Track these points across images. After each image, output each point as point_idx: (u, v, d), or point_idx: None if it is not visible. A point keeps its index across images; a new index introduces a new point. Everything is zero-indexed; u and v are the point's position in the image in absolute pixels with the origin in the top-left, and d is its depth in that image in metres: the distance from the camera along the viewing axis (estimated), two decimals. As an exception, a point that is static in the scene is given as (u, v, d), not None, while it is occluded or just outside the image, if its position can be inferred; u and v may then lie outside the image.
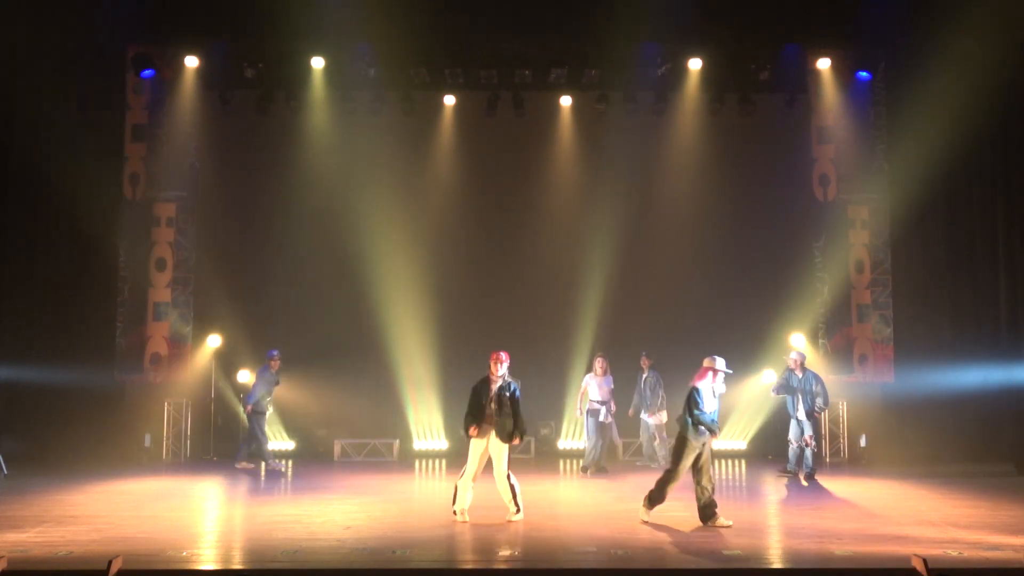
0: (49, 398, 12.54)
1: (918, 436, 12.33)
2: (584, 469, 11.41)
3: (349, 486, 10.20)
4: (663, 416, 11.87)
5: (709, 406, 7.75)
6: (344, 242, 13.26)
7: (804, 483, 10.50)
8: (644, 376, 12.07)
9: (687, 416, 7.72)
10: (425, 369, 13.17)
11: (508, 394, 7.87)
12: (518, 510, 7.86)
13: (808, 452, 10.64)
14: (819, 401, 10.72)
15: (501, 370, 7.94)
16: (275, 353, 11.97)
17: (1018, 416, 12.19)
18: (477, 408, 7.88)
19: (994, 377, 12.23)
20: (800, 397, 10.72)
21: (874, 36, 13.05)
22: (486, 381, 7.97)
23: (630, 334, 12.99)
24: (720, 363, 7.85)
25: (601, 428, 11.47)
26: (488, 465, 7.98)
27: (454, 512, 7.87)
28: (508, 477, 7.91)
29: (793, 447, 10.88)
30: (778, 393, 11.04)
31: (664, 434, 11.93)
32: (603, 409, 11.43)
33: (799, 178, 13.71)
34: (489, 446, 7.90)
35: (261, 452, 11.72)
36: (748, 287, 13.38)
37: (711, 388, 7.82)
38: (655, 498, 7.86)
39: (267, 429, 11.91)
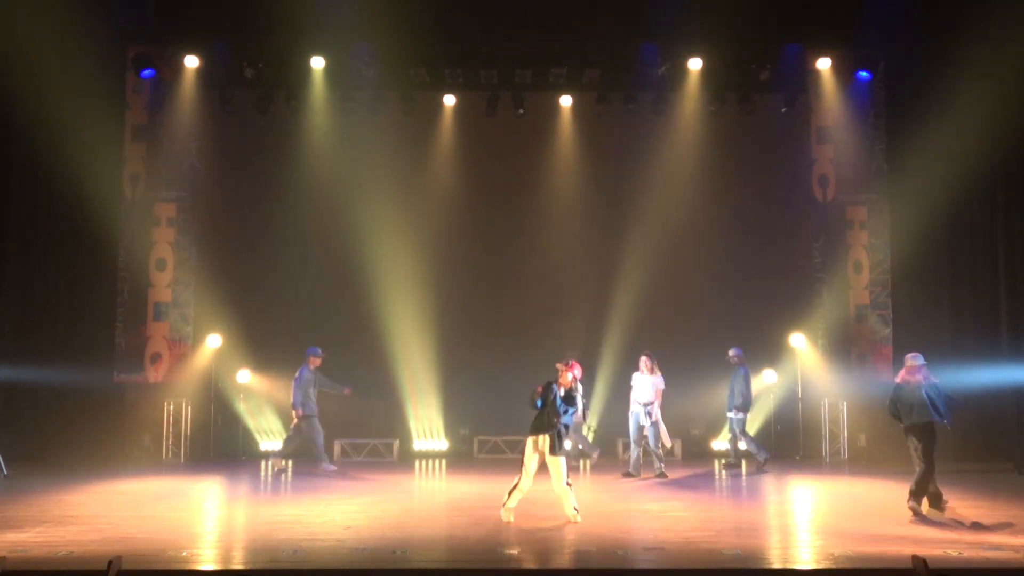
0: (49, 398, 12.54)
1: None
2: (625, 473, 11.13)
3: (349, 486, 10.20)
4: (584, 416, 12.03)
5: None
6: (344, 242, 13.25)
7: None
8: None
9: (945, 412, 8.24)
10: (425, 369, 13.17)
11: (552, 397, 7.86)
12: (576, 512, 7.80)
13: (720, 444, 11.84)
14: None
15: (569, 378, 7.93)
16: (316, 350, 11.87)
17: (1018, 416, 12.19)
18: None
19: (994, 377, 12.22)
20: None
21: (874, 36, 13.04)
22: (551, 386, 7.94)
23: (630, 333, 12.99)
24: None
25: (639, 431, 11.15)
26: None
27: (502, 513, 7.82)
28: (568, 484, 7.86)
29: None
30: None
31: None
32: (642, 411, 11.08)
33: (798, 178, 13.72)
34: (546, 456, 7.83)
35: (282, 447, 11.74)
36: (747, 287, 13.39)
37: None
38: (927, 493, 8.25)
39: (303, 432, 11.66)
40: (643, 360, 11.28)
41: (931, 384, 8.42)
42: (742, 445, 11.85)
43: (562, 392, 7.87)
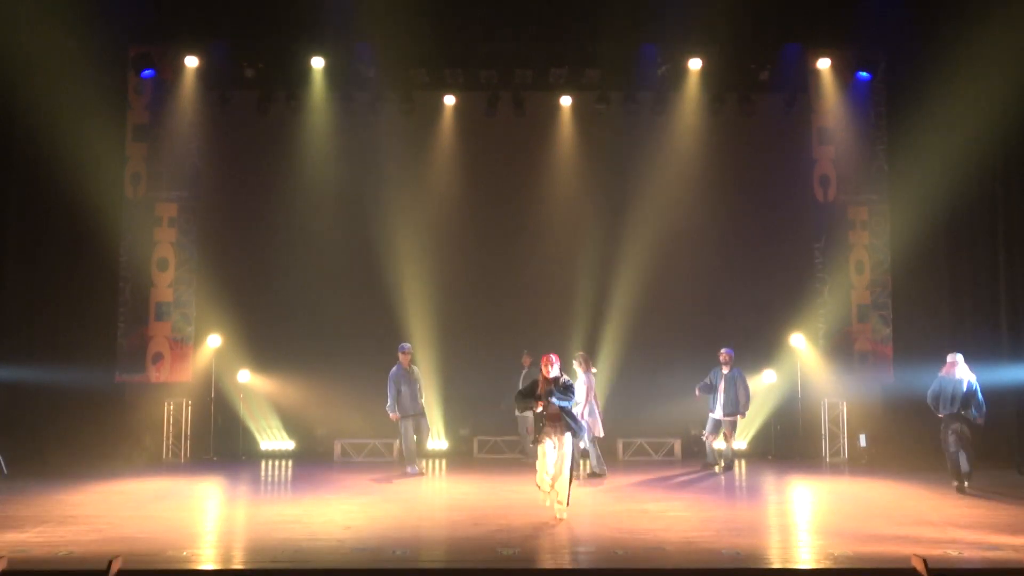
0: (50, 398, 12.53)
1: (918, 435, 12.31)
2: (590, 474, 11.11)
3: (349, 486, 10.20)
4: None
5: None
6: (345, 241, 13.29)
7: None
8: (524, 373, 12.12)
9: (981, 408, 9.52)
10: (425, 369, 13.16)
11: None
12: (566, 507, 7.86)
13: (719, 445, 11.60)
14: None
15: (553, 371, 7.97)
16: (406, 347, 11.59)
17: (1019, 416, 12.19)
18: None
19: (994, 377, 12.21)
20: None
21: (874, 36, 13.05)
22: (535, 383, 8.02)
23: (630, 333, 13.00)
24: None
25: (588, 430, 10.94)
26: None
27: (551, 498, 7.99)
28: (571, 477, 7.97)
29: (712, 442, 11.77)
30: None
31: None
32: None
33: (799, 179, 13.72)
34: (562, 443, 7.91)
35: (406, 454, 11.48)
36: (748, 287, 13.40)
37: None
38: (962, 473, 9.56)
39: (409, 432, 11.34)
40: (575, 361, 11.34)
41: (970, 380, 9.62)
42: (720, 444, 11.73)
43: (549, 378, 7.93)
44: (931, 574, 5.56)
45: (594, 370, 11.39)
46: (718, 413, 11.59)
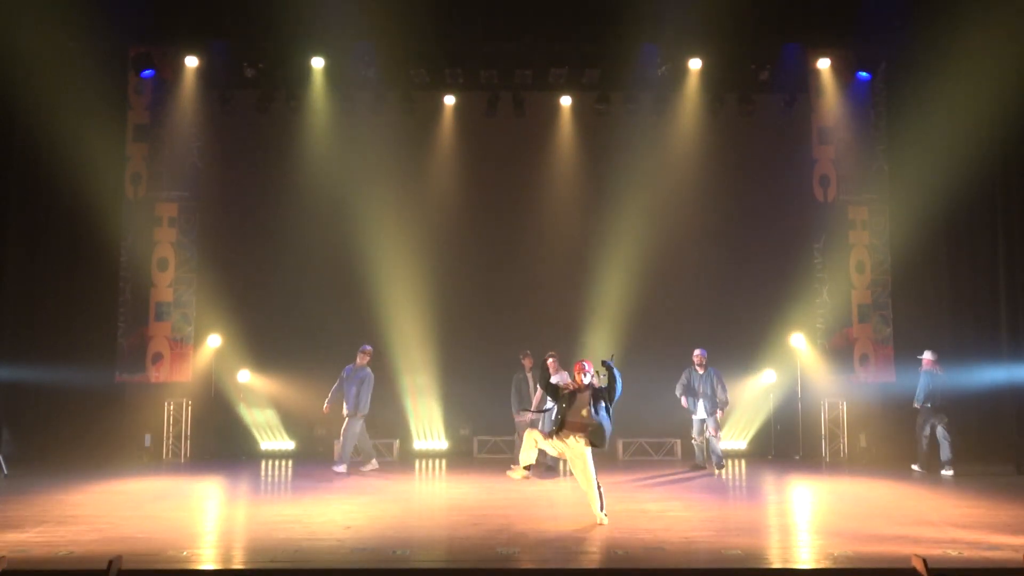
0: (50, 398, 12.55)
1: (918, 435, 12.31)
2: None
3: (349, 486, 10.21)
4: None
5: None
6: (344, 241, 13.27)
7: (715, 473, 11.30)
8: (518, 377, 12.03)
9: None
10: (425, 369, 13.17)
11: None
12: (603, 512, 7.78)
13: (715, 443, 11.49)
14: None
15: (586, 379, 7.90)
16: (367, 348, 11.79)
17: (1018, 416, 12.19)
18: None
19: (994, 377, 12.23)
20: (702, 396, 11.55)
21: (874, 36, 13.05)
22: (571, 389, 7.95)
23: (630, 333, 12.98)
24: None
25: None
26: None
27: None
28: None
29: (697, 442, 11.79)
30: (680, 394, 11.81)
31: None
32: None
33: (799, 179, 13.72)
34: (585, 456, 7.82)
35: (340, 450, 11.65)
36: (748, 287, 13.40)
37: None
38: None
39: (355, 431, 11.53)
40: (548, 362, 11.31)
41: (941, 375, 11.26)
42: (713, 443, 11.77)
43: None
44: (931, 574, 5.56)
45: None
46: (700, 413, 11.61)
